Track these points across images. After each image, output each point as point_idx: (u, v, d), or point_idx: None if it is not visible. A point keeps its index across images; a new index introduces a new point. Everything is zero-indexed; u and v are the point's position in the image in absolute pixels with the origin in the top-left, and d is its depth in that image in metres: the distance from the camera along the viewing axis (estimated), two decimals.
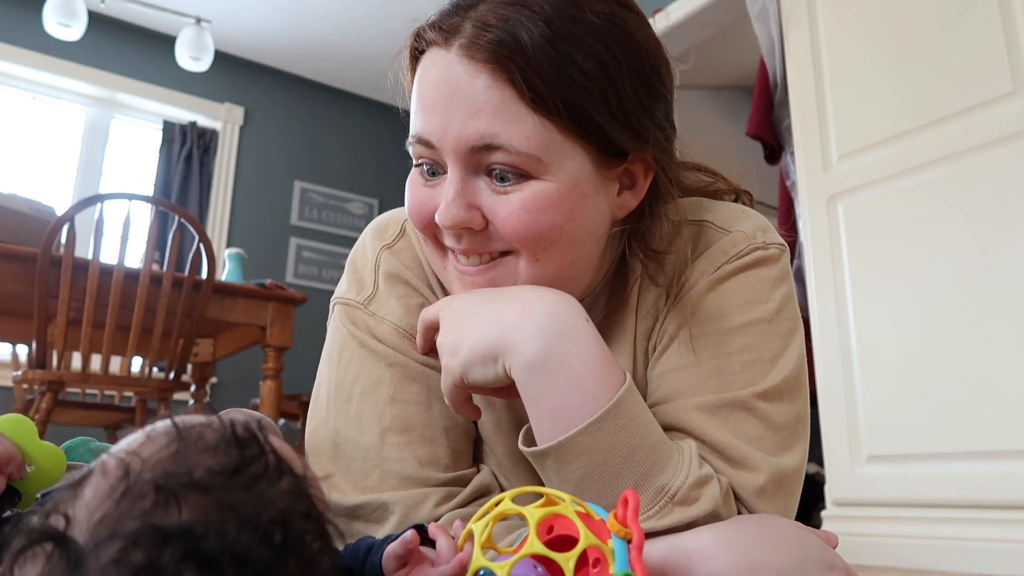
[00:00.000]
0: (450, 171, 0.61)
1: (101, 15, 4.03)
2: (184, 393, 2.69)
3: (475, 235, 0.62)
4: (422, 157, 0.64)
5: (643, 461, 0.56)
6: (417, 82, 0.64)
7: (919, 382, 2.02)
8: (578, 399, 0.57)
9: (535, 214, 0.60)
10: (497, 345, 0.59)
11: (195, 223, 2.25)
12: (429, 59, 0.63)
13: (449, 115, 0.60)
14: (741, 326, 0.66)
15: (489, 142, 0.58)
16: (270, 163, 4.57)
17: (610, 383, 0.58)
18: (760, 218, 0.72)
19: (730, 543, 0.53)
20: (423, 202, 0.64)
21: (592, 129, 0.60)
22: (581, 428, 0.56)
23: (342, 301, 0.73)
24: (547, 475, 0.59)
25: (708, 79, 4.18)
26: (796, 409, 0.66)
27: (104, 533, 0.34)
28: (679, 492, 0.56)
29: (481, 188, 0.61)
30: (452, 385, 0.61)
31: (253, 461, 0.38)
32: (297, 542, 0.37)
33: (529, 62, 0.57)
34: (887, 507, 2.04)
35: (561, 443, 0.56)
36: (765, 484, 0.61)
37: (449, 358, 0.61)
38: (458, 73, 0.60)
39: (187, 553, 0.33)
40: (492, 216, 0.61)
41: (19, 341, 2.66)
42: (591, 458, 0.56)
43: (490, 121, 0.58)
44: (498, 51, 0.58)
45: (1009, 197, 1.90)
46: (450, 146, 0.60)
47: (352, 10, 4.03)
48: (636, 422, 0.57)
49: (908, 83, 2.16)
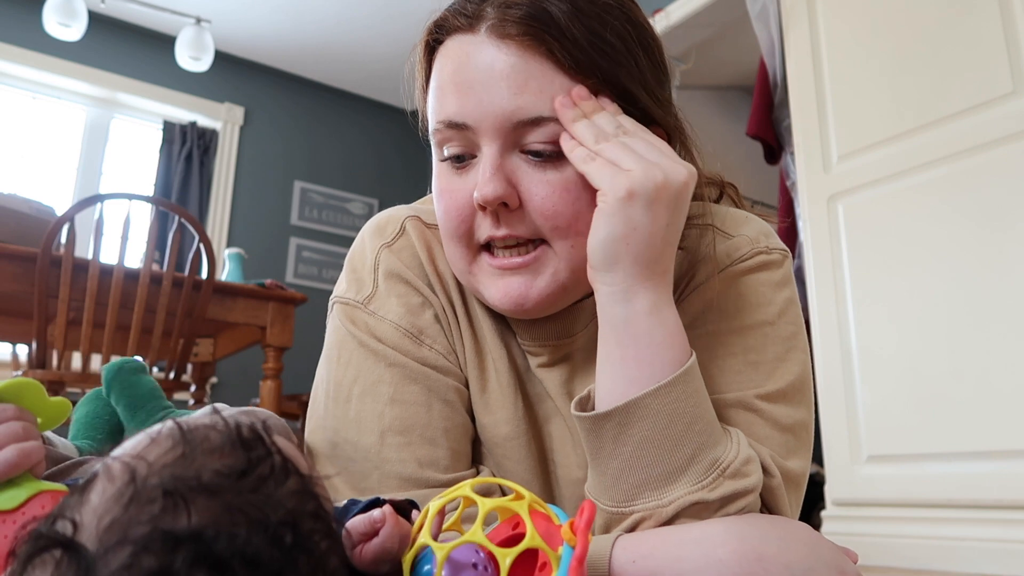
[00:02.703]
0: (486, 150, 0.61)
1: (101, 15, 4.03)
2: (184, 393, 2.69)
3: (511, 215, 0.62)
4: (450, 143, 0.63)
5: (702, 432, 0.57)
6: (440, 69, 0.64)
7: (919, 382, 2.02)
8: (658, 360, 0.57)
9: (575, 192, 0.61)
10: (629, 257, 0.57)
11: (195, 223, 2.25)
12: (453, 46, 0.63)
13: (487, 94, 0.60)
14: (744, 328, 0.66)
15: (536, 115, 0.60)
16: (270, 163, 4.57)
17: (683, 354, 0.58)
18: (763, 223, 0.73)
19: (740, 534, 0.53)
20: (457, 194, 0.64)
21: (625, 96, 0.63)
22: (652, 390, 0.56)
23: (341, 300, 0.72)
24: (602, 440, 0.58)
25: (708, 79, 4.18)
26: (800, 414, 0.66)
27: (113, 539, 0.34)
28: (731, 466, 0.56)
29: (518, 166, 0.62)
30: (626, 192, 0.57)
31: (260, 462, 0.38)
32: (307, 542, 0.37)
33: (563, 32, 0.60)
34: (887, 507, 2.04)
35: (630, 403, 0.56)
36: (780, 483, 0.61)
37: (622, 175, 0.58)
38: (491, 53, 0.61)
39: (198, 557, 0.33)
40: (529, 197, 0.61)
41: (19, 341, 2.66)
42: (655, 421, 0.56)
43: (534, 94, 0.60)
44: (531, 25, 0.59)
45: (1009, 197, 1.90)
46: (490, 124, 0.60)
47: (352, 10, 4.03)
48: (700, 393, 0.58)
49: (908, 83, 2.16)
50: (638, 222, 0.57)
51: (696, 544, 0.53)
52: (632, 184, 0.57)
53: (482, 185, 0.60)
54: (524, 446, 0.71)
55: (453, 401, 0.69)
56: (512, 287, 0.64)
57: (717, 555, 0.52)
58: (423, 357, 0.69)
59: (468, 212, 0.63)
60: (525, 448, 0.71)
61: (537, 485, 0.72)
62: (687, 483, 0.56)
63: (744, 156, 3.48)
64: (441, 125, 0.63)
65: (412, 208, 0.77)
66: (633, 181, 0.57)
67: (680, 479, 0.56)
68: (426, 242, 0.73)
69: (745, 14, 2.77)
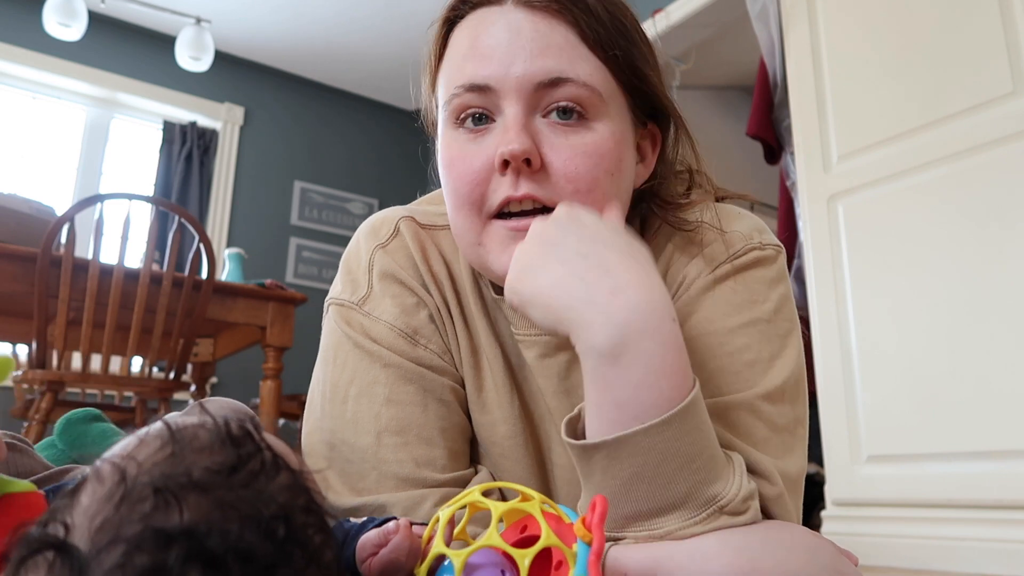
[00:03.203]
0: (509, 110, 0.62)
1: (101, 15, 4.03)
2: (184, 393, 2.69)
3: (533, 176, 0.62)
4: (469, 107, 0.64)
5: (700, 469, 0.54)
6: (461, 38, 0.66)
7: (919, 382, 2.01)
8: (648, 399, 0.53)
9: (595, 158, 0.62)
10: (569, 314, 0.55)
11: (195, 223, 2.25)
12: (479, 16, 0.65)
13: (511, 56, 0.62)
14: (739, 326, 0.66)
15: (558, 75, 0.61)
16: (270, 163, 4.57)
17: (681, 387, 0.54)
18: (756, 219, 0.73)
19: (736, 546, 0.52)
20: (473, 158, 0.63)
21: (639, 78, 0.65)
22: (643, 428, 0.52)
23: (336, 302, 0.72)
24: (591, 469, 0.55)
25: (708, 79, 4.18)
26: (796, 411, 0.65)
27: (105, 538, 0.34)
28: (731, 504, 0.54)
29: (540, 129, 0.62)
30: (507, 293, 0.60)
31: (250, 458, 0.38)
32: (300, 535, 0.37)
33: (588, 9, 0.63)
34: (887, 507, 2.04)
35: (619, 439, 0.53)
36: (781, 492, 0.60)
37: (517, 280, 0.59)
38: (518, 19, 0.63)
39: (191, 553, 0.33)
40: (552, 159, 0.62)
41: (19, 341, 2.66)
42: (646, 459, 0.53)
43: (557, 57, 0.61)
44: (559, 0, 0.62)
45: (1009, 197, 1.90)
46: (513, 84, 0.61)
47: (352, 10, 4.03)
48: (700, 430, 0.54)
49: (908, 83, 2.16)
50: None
51: (690, 558, 0.52)
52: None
53: (509, 140, 0.60)
54: (521, 445, 0.71)
55: (449, 401, 0.69)
56: None
57: (711, 569, 0.51)
58: (418, 357, 0.69)
59: (483, 176, 0.63)
60: (522, 447, 0.71)
61: (535, 484, 0.72)
62: (680, 517, 0.54)
63: (744, 156, 3.48)
64: (461, 89, 0.63)
65: (407, 209, 0.77)
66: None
67: (673, 513, 0.54)
68: (420, 242, 0.73)
69: (745, 14, 2.77)
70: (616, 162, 0.63)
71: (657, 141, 0.70)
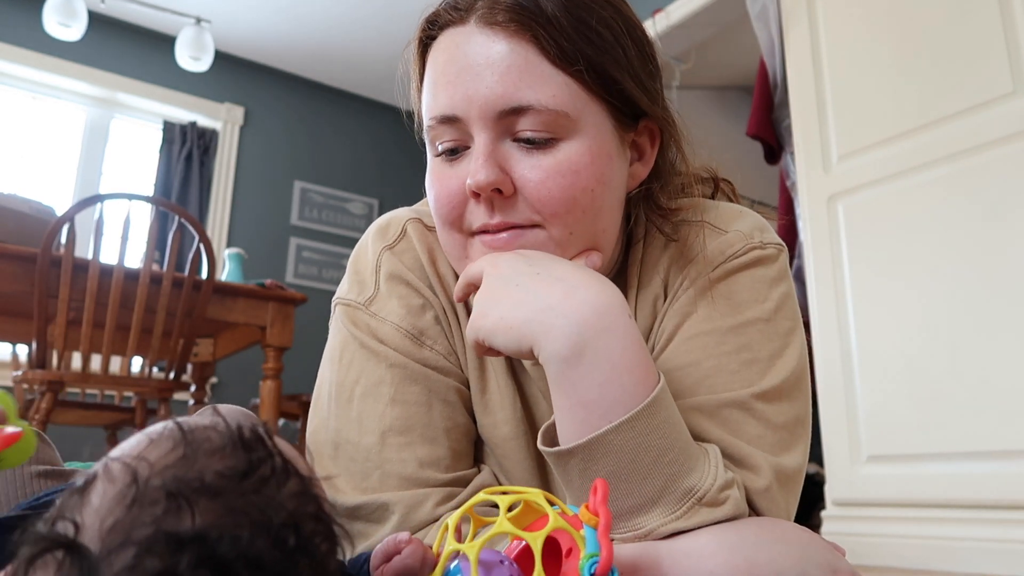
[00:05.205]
0: (477, 138, 0.61)
1: (101, 15, 4.03)
2: (184, 393, 2.69)
3: (505, 203, 0.62)
4: (443, 140, 0.64)
5: (673, 462, 0.55)
6: (432, 65, 0.65)
7: (919, 382, 2.02)
8: (613, 396, 0.54)
9: (569, 177, 0.61)
10: (529, 326, 0.56)
11: (195, 223, 2.25)
12: (445, 39, 0.64)
13: (474, 83, 0.61)
14: (739, 325, 0.66)
15: (518, 104, 0.60)
16: (270, 163, 4.57)
17: (646, 382, 0.55)
18: (758, 218, 0.72)
19: (730, 544, 0.53)
20: (449, 181, 0.64)
21: (612, 85, 0.63)
22: (613, 426, 0.53)
23: (343, 302, 0.73)
24: (569, 475, 0.56)
25: (708, 79, 4.18)
26: (796, 410, 0.65)
27: (116, 540, 0.34)
28: (707, 494, 0.55)
29: (510, 153, 0.62)
30: (474, 341, 0.60)
31: (261, 464, 0.38)
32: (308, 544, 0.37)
33: (549, 21, 0.60)
34: (887, 507, 2.04)
35: (591, 441, 0.54)
36: (768, 485, 0.60)
37: (479, 318, 0.59)
38: (479, 42, 0.61)
39: (202, 559, 0.33)
40: (523, 183, 0.61)
41: (19, 341, 2.66)
42: (620, 457, 0.54)
43: (516, 83, 0.60)
44: (519, 13, 0.60)
45: (1009, 197, 1.90)
46: (476, 113, 0.61)
47: (352, 11, 4.03)
48: (669, 423, 0.55)
49: (908, 83, 2.16)
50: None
51: (686, 556, 0.52)
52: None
53: (475, 171, 0.60)
54: (523, 447, 0.71)
55: (454, 401, 0.70)
56: None
57: (707, 567, 0.51)
58: (424, 358, 0.69)
59: (459, 199, 0.63)
60: (524, 449, 0.71)
61: (535, 485, 0.72)
62: (661, 514, 0.54)
63: (744, 156, 3.48)
64: (434, 122, 0.63)
65: (414, 210, 0.77)
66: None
67: (653, 510, 0.54)
68: (427, 244, 0.74)
69: (745, 14, 2.77)
70: (595, 176, 0.61)
71: (656, 135, 0.69)
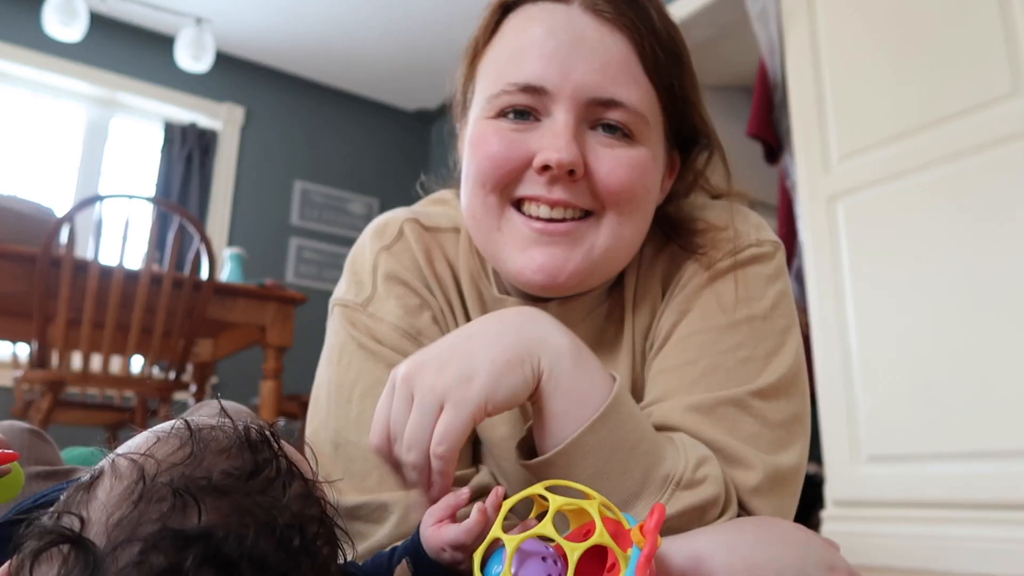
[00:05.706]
0: (561, 116, 0.62)
1: (101, 15, 4.02)
2: (184, 393, 2.69)
3: (571, 185, 0.62)
4: (516, 106, 0.63)
5: (647, 452, 0.56)
6: (517, 31, 0.65)
7: (919, 382, 2.02)
8: (576, 401, 0.56)
9: (638, 172, 0.63)
10: (525, 342, 0.56)
11: (195, 223, 2.25)
12: (539, 11, 0.64)
13: (572, 62, 0.61)
14: (735, 323, 0.66)
15: (611, 97, 0.61)
16: (270, 163, 4.57)
17: (603, 383, 0.57)
18: (755, 216, 0.73)
19: (728, 543, 0.53)
20: (511, 144, 0.63)
21: (683, 106, 0.66)
22: (586, 427, 0.55)
23: (341, 303, 0.73)
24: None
25: (708, 79, 4.17)
26: (793, 407, 0.65)
27: (122, 536, 0.34)
28: (683, 477, 0.56)
29: (588, 138, 0.63)
30: (468, 418, 0.52)
31: (266, 464, 0.38)
32: (311, 546, 0.37)
33: (653, 31, 0.62)
34: (887, 507, 2.04)
35: (568, 445, 0.55)
36: (761, 482, 0.60)
37: (461, 387, 0.53)
38: (584, 24, 0.62)
39: (207, 557, 0.33)
40: (596, 168, 0.62)
41: (19, 341, 2.66)
42: (598, 456, 0.55)
43: (615, 77, 0.61)
44: (627, 14, 0.62)
45: (1009, 197, 1.90)
46: (569, 92, 0.61)
47: (353, 11, 4.03)
48: (634, 416, 0.57)
49: (908, 83, 2.16)
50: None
51: (684, 557, 0.52)
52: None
53: (558, 148, 0.61)
54: None
55: None
56: (548, 258, 0.63)
57: (706, 568, 0.51)
58: None
59: (516, 165, 0.63)
60: None
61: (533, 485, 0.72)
62: (646, 505, 0.56)
63: (744, 156, 3.48)
64: (513, 87, 0.63)
65: (411, 211, 0.77)
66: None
67: (638, 503, 0.56)
68: (424, 245, 0.74)
69: (745, 14, 2.77)
70: (653, 180, 0.65)
71: (675, 167, 0.72)
